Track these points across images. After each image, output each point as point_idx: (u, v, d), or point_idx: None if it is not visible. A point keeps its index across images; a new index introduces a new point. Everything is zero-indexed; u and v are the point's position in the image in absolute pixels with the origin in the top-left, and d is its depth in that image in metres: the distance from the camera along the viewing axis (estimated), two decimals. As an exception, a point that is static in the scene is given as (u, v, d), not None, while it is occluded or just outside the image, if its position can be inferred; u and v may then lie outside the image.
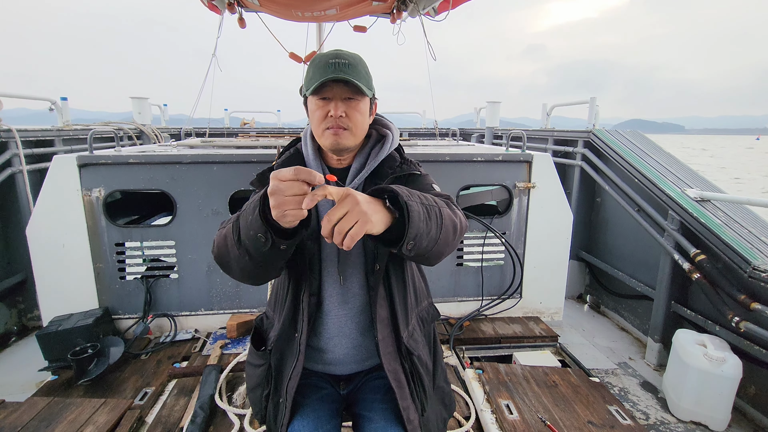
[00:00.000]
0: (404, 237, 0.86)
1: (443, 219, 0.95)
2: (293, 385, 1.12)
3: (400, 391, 1.11)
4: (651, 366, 2.78)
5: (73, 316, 2.56)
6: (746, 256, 2.14)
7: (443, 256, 1.01)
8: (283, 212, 0.80)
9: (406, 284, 1.19)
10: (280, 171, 0.80)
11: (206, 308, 2.86)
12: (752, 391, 2.25)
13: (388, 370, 1.12)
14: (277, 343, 1.18)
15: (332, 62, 1.03)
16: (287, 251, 0.93)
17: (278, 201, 0.80)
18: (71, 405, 1.98)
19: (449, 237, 0.96)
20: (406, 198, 0.88)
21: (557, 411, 2.04)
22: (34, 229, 2.56)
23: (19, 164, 3.06)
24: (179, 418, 2.00)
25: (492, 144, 5.72)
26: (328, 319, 1.18)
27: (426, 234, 0.89)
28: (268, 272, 1.03)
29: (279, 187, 0.79)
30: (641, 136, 3.57)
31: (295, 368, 1.12)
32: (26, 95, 3.95)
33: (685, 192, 2.70)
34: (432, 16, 3.49)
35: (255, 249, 0.90)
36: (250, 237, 0.89)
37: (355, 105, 1.07)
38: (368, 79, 1.10)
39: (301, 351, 1.12)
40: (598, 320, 3.50)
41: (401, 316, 1.16)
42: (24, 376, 2.53)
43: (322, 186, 0.82)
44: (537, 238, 3.03)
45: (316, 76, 1.03)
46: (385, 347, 1.13)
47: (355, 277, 1.16)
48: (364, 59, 1.10)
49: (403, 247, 0.88)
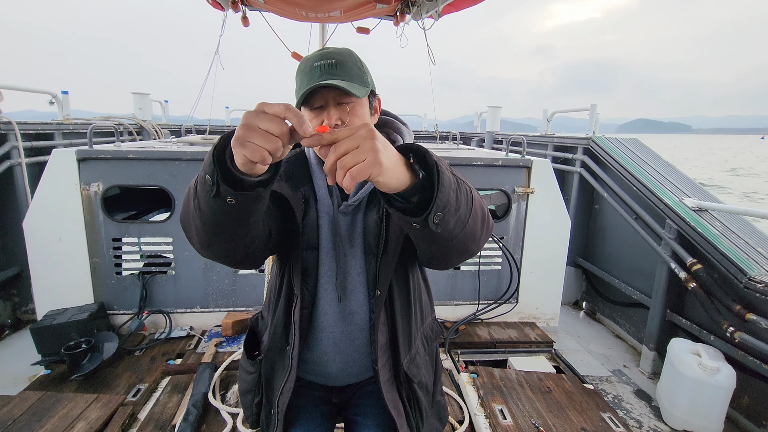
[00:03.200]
0: (432, 202, 0.71)
1: (473, 199, 0.82)
2: (285, 399, 1.06)
3: (399, 420, 1.06)
4: (645, 374, 2.79)
5: (68, 310, 2.55)
6: (742, 267, 2.15)
7: (466, 253, 0.88)
8: (244, 141, 0.64)
9: (411, 305, 1.11)
10: (268, 103, 0.66)
11: (202, 306, 2.85)
12: (746, 401, 2.26)
13: (387, 399, 1.06)
14: (268, 353, 1.13)
15: (318, 65, 0.91)
16: (239, 211, 0.76)
17: (247, 126, 0.64)
18: (63, 400, 1.97)
19: (477, 226, 0.84)
20: (435, 158, 0.73)
21: (551, 417, 2.04)
22: (31, 222, 2.55)
23: (18, 157, 3.06)
24: (172, 416, 1.99)
25: (492, 148, 5.73)
26: (322, 335, 1.12)
27: (455, 209, 0.75)
28: (225, 243, 0.86)
29: (256, 114, 0.65)
30: (641, 144, 3.59)
31: (287, 382, 1.07)
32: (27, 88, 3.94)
33: (682, 201, 2.71)
34: (435, 19, 3.49)
35: (204, 199, 0.75)
36: (201, 181, 0.74)
37: (351, 109, 0.94)
38: (362, 75, 0.95)
39: (293, 366, 1.07)
40: (594, 327, 3.50)
41: (403, 341, 1.09)
42: (17, 369, 2.51)
43: (333, 129, 0.68)
44: (534, 244, 3.03)
45: (303, 85, 0.92)
46: (383, 374, 1.07)
47: (355, 295, 1.09)
48: (354, 53, 0.96)
49: (430, 216, 0.72)
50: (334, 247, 1.08)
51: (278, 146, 0.66)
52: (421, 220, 0.73)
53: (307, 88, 0.89)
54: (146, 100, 5.34)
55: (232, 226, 0.81)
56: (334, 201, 1.07)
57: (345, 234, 1.08)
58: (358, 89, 0.91)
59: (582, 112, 4.09)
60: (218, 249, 0.88)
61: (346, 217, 1.08)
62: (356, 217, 1.08)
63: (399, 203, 0.76)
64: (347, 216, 1.08)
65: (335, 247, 1.08)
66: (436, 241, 0.81)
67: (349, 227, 1.08)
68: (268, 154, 0.65)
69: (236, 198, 0.72)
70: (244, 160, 0.66)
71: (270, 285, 1.21)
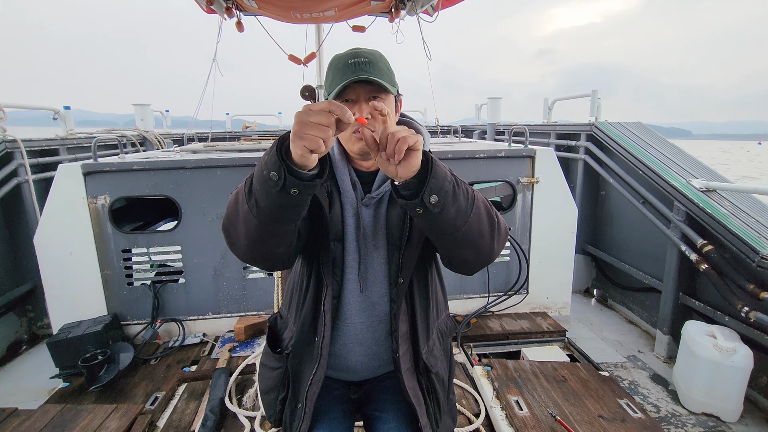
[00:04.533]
0: (425, 183, 0.83)
1: (475, 199, 0.91)
2: (314, 391, 1.08)
3: (420, 409, 1.08)
4: (660, 358, 2.77)
5: (83, 323, 2.58)
6: (754, 246, 2.12)
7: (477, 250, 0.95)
8: (302, 134, 0.75)
9: (429, 297, 1.15)
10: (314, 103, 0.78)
11: (213, 312, 2.87)
12: (764, 381, 2.23)
13: (408, 387, 1.09)
14: (295, 347, 1.14)
15: (352, 62, 0.99)
16: (298, 202, 0.85)
17: (301, 121, 0.76)
18: (83, 411, 2.00)
19: (483, 224, 0.93)
20: (432, 155, 0.87)
21: (567, 406, 2.04)
22: (42, 238, 2.58)
23: (24, 174, 3.09)
24: (190, 422, 2.02)
25: (494, 140, 5.70)
26: (345, 326, 1.15)
27: (453, 199, 0.86)
28: (275, 240, 0.94)
29: (306, 112, 0.76)
30: (645, 128, 3.55)
31: (315, 374, 1.08)
32: (30, 105, 3.98)
33: (690, 182, 2.68)
34: (430, 14, 3.48)
35: (265, 194, 0.83)
36: (263, 179, 0.82)
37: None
38: (391, 76, 1.04)
39: (323, 356, 1.09)
40: (606, 314, 3.48)
41: (422, 330, 1.13)
42: (36, 383, 2.55)
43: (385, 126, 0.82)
44: (542, 233, 3.02)
45: (336, 79, 0.99)
46: (404, 363, 1.10)
47: (376, 286, 1.13)
48: (384, 55, 1.05)
49: (425, 196, 0.83)
50: (357, 238, 1.11)
51: (329, 134, 0.76)
52: (418, 201, 0.84)
53: (345, 81, 0.96)
54: (147, 111, 5.37)
55: (288, 219, 0.90)
56: (357, 194, 1.11)
57: (368, 226, 1.12)
58: (389, 86, 1.00)
59: (584, 98, 4.06)
60: (265, 247, 0.95)
61: (368, 209, 1.12)
62: (379, 210, 1.12)
63: (405, 192, 0.88)
64: (370, 208, 1.12)
65: (358, 238, 1.11)
66: (441, 228, 0.90)
67: (372, 219, 1.12)
68: (323, 143, 0.76)
69: (299, 188, 0.81)
70: (303, 151, 0.76)
71: (292, 282, 1.23)
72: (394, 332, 1.10)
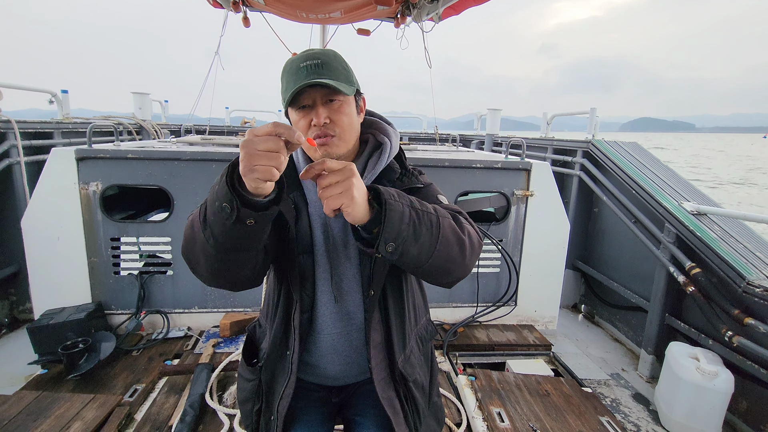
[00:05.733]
0: (380, 235, 0.82)
1: (441, 229, 0.88)
2: (285, 404, 1.07)
3: (396, 418, 1.07)
4: (643, 378, 2.78)
5: (66, 309, 2.54)
6: (741, 271, 2.15)
7: (452, 274, 0.94)
8: (252, 167, 0.71)
9: (404, 306, 1.13)
10: (256, 128, 0.73)
11: (200, 306, 2.85)
12: (744, 406, 2.25)
13: (382, 398, 1.07)
14: (268, 360, 1.12)
15: (304, 65, 0.94)
16: (256, 231, 0.82)
17: (248, 153, 0.71)
18: (60, 399, 1.96)
19: (451, 251, 0.90)
20: (387, 196, 0.83)
21: (549, 420, 2.04)
22: (30, 221, 2.54)
23: (16, 155, 3.05)
24: (168, 416, 1.99)
25: (491, 151, 5.74)
26: (320, 337, 1.12)
27: (413, 239, 0.84)
28: (236, 266, 0.91)
29: (251, 140, 0.71)
30: (640, 148, 3.59)
31: (286, 387, 1.07)
32: (27, 87, 3.93)
33: (681, 205, 2.71)
34: (436, 21, 3.50)
35: (220, 226, 0.80)
36: (216, 211, 0.79)
37: (338, 107, 0.97)
38: (348, 75, 1.00)
39: (293, 370, 1.07)
40: (592, 330, 3.50)
41: (397, 340, 1.10)
42: (13, 369, 2.50)
43: (323, 160, 0.79)
44: (533, 247, 3.03)
45: (290, 85, 0.94)
46: (378, 373, 1.08)
47: (351, 296, 1.11)
48: (339, 53, 1.00)
49: (380, 246, 0.82)
50: (327, 250, 1.08)
51: (281, 161, 0.73)
52: (374, 247, 0.84)
53: (296, 87, 0.92)
54: (146, 100, 5.34)
55: (247, 248, 0.87)
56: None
57: (338, 236, 1.09)
58: (345, 87, 0.96)
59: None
60: (229, 274, 0.93)
61: (337, 219, 1.08)
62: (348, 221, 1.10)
63: (363, 234, 0.88)
64: (339, 219, 1.08)
65: (328, 250, 1.08)
66: (405, 265, 0.90)
67: (341, 230, 1.09)
68: (276, 170, 0.72)
69: (256, 219, 0.78)
70: (257, 183, 0.73)
71: (267, 293, 1.22)
72: (367, 343, 1.08)
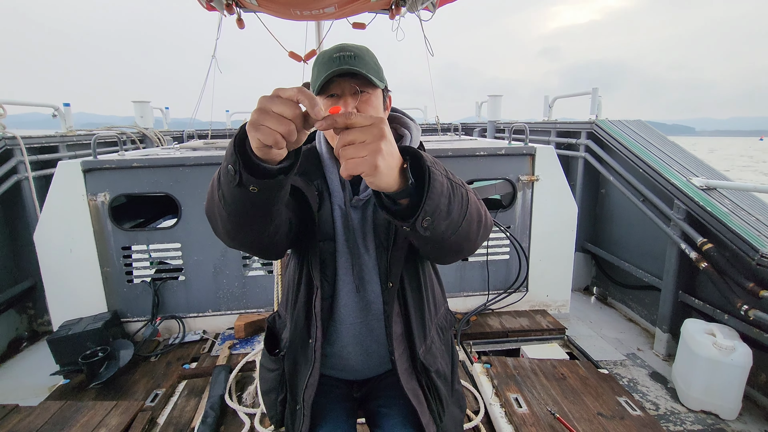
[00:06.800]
0: (420, 208, 0.73)
1: (469, 204, 0.84)
2: (311, 393, 1.07)
3: (420, 408, 1.07)
4: (660, 356, 2.77)
5: (83, 320, 2.58)
6: (754, 244, 2.12)
7: (461, 253, 0.92)
8: (258, 125, 0.64)
9: (423, 297, 1.13)
10: (282, 87, 0.67)
11: (213, 309, 2.88)
12: (763, 379, 2.24)
13: (406, 389, 1.07)
14: (290, 349, 1.13)
15: (337, 56, 0.95)
16: (262, 200, 0.77)
17: (261, 109, 0.65)
18: (84, 408, 2.00)
19: (471, 228, 0.86)
20: (429, 163, 0.75)
21: (566, 403, 2.04)
22: (42, 235, 2.58)
23: (24, 171, 3.09)
24: (190, 419, 2.02)
25: (494, 138, 5.70)
26: (342, 327, 1.13)
27: (446, 214, 0.78)
28: (251, 233, 0.87)
29: (271, 98, 0.66)
30: (645, 126, 3.55)
31: (311, 376, 1.07)
32: (30, 102, 3.97)
33: (690, 181, 2.68)
34: (431, 11, 3.47)
35: (227, 189, 0.75)
36: (224, 171, 0.74)
37: (366, 99, 0.97)
38: (378, 70, 1.00)
39: (317, 358, 1.07)
40: (606, 312, 3.49)
41: (417, 331, 1.11)
42: (36, 380, 2.56)
43: (350, 112, 0.67)
44: (542, 231, 3.02)
45: (321, 74, 0.95)
46: (401, 364, 1.09)
47: (371, 285, 1.11)
48: (371, 50, 1.01)
49: (418, 222, 0.74)
50: (347, 239, 1.09)
51: (291, 129, 0.66)
52: (409, 224, 0.75)
53: (327, 74, 0.92)
54: (147, 108, 5.36)
55: (256, 215, 0.82)
56: (346, 195, 1.08)
57: (357, 227, 1.09)
58: (375, 80, 0.95)
59: (584, 96, 4.05)
60: (244, 238, 0.89)
61: (357, 210, 1.09)
62: (366, 212, 1.10)
63: (387, 203, 0.79)
64: (358, 210, 1.09)
65: (348, 239, 1.09)
66: (427, 241, 0.83)
67: (360, 221, 1.10)
68: (281, 138, 0.65)
69: (258, 186, 0.72)
70: (259, 144, 0.66)
71: (287, 281, 1.22)
72: (389, 334, 1.08)
